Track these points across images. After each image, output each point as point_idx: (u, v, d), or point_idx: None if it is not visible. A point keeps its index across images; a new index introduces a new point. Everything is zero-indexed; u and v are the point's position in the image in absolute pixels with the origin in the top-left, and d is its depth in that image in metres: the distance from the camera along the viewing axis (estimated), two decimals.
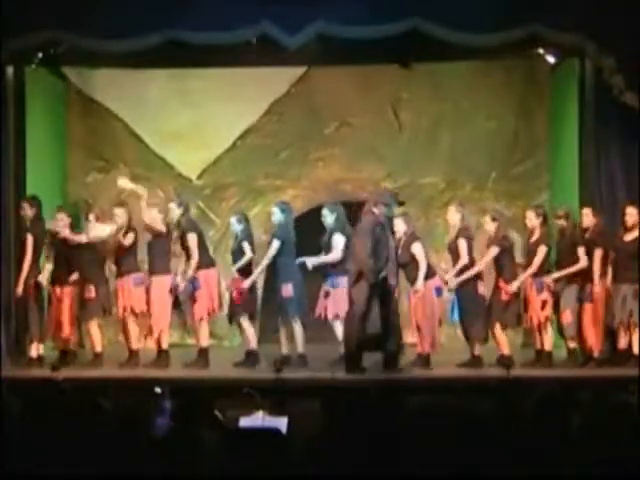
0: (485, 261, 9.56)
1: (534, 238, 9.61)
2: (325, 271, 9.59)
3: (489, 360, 9.51)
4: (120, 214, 9.74)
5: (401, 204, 9.51)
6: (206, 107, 11.97)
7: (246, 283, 9.52)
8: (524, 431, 4.29)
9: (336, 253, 9.46)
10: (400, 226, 9.46)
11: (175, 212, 9.66)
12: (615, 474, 3.98)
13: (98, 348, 9.72)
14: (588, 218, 9.61)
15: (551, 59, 10.94)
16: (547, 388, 5.03)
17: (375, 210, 9.14)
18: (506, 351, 9.51)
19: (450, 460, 3.98)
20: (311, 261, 9.43)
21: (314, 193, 12.04)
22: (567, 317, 9.47)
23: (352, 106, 12.16)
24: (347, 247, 9.39)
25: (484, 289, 9.55)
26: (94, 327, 9.74)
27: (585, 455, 4.05)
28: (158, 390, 5.20)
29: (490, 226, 9.63)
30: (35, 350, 9.61)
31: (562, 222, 9.66)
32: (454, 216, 9.67)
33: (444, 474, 3.96)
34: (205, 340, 9.58)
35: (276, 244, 9.56)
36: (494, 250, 9.51)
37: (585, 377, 8.85)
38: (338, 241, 9.49)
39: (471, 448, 4.06)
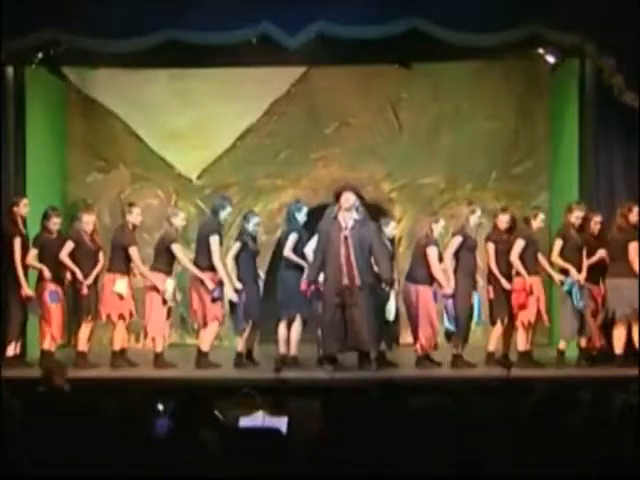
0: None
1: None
2: None
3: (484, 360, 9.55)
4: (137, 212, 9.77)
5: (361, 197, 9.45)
6: (206, 107, 11.97)
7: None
8: (524, 431, 4.29)
9: None
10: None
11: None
12: (615, 474, 3.98)
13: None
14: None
15: (551, 59, 10.92)
16: (547, 388, 5.03)
17: (335, 208, 9.18)
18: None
19: (450, 460, 3.98)
20: None
21: (314, 193, 12.03)
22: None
23: (352, 106, 12.17)
24: None
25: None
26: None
27: (585, 455, 4.05)
28: (160, 407, 5.17)
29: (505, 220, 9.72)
30: (12, 349, 9.59)
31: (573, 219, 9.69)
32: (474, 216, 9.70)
33: (444, 474, 3.96)
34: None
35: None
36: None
37: (585, 377, 8.85)
38: None
39: (471, 448, 4.06)
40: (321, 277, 9.27)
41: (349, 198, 9.08)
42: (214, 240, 9.45)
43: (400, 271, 10.05)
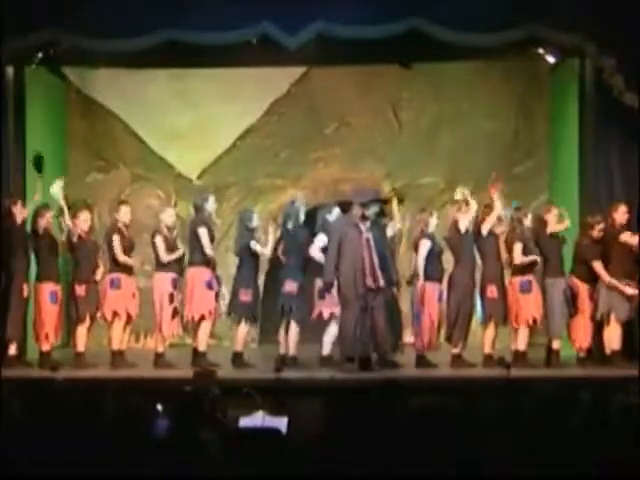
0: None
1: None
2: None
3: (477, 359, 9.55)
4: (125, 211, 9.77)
5: (385, 202, 9.48)
6: (206, 107, 11.98)
7: None
8: (524, 431, 4.29)
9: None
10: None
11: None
12: (615, 474, 3.98)
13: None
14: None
15: (551, 59, 10.93)
16: (547, 388, 5.03)
17: (354, 210, 9.18)
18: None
19: (450, 460, 3.98)
20: None
21: (314, 193, 12.04)
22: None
23: (352, 106, 12.17)
24: None
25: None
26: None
27: (585, 455, 4.05)
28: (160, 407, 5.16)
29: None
30: (12, 349, 9.58)
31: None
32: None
33: (444, 474, 3.96)
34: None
35: None
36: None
37: (585, 377, 8.85)
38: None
39: (471, 448, 4.06)
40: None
41: (377, 211, 9.15)
42: (203, 232, 9.50)
43: (401, 271, 10.04)
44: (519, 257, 9.48)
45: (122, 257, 9.57)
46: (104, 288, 9.66)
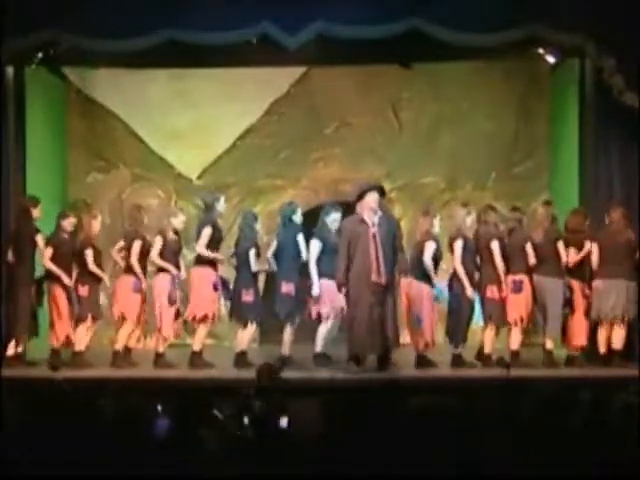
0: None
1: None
2: None
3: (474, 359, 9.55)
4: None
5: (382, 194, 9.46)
6: (206, 107, 11.98)
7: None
8: (524, 431, 4.29)
9: None
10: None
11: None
12: (615, 474, 3.98)
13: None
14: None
15: (551, 59, 10.94)
16: (547, 388, 5.03)
17: (358, 208, 9.18)
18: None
19: (450, 460, 3.98)
20: None
21: (314, 193, 12.05)
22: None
23: (352, 106, 12.17)
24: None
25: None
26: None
27: (585, 455, 4.05)
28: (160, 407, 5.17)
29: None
30: (14, 349, 9.59)
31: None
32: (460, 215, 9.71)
33: (444, 474, 3.96)
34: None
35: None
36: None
37: (585, 377, 8.86)
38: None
39: (471, 448, 4.06)
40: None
41: (375, 198, 9.11)
42: (205, 232, 9.50)
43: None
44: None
45: (135, 263, 9.60)
46: (115, 289, 9.72)
